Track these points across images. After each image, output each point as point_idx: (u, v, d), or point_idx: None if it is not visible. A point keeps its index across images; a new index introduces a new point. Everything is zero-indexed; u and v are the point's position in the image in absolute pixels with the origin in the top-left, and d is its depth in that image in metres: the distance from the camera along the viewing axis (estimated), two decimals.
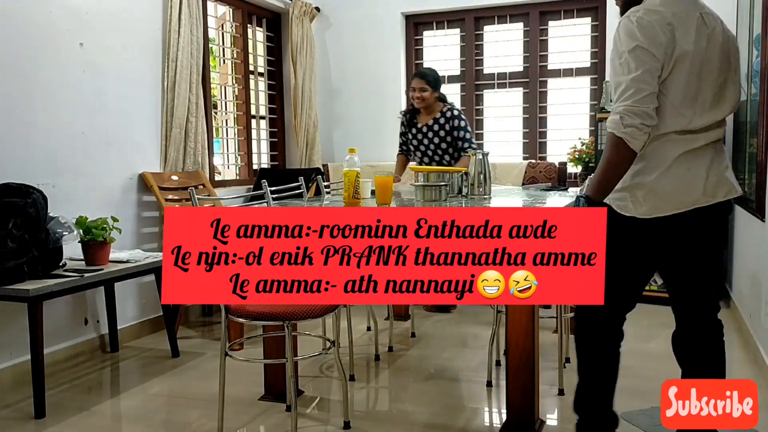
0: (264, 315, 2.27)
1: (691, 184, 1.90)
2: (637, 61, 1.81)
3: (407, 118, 4.25)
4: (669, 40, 1.83)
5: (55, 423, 2.63)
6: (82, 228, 3.05)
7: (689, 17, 1.88)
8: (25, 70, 3.15)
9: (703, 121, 1.90)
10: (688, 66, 1.85)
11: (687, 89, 1.87)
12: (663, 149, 1.89)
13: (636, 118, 1.79)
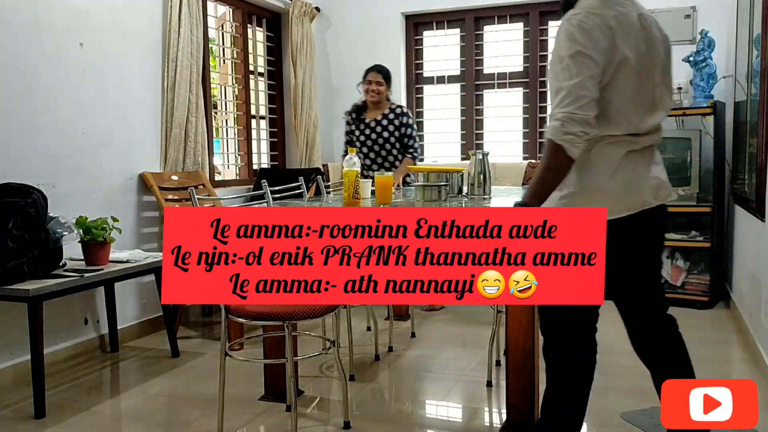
0: (264, 315, 2.27)
1: (639, 184, 1.89)
2: (578, 66, 1.78)
3: (353, 117, 4.26)
4: (610, 44, 1.81)
5: (55, 423, 2.63)
6: (82, 228, 3.05)
7: (630, 19, 1.86)
8: (25, 70, 3.15)
9: (646, 125, 1.89)
10: (630, 70, 1.83)
11: (631, 94, 1.85)
12: (608, 151, 1.87)
13: (576, 126, 1.76)
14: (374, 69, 4.18)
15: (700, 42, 4.28)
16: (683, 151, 4.32)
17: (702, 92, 4.30)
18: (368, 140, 4.15)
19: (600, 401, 2.82)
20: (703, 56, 4.26)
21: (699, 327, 3.91)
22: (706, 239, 4.25)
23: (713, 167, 4.27)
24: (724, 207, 4.53)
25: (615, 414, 2.61)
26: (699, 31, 4.36)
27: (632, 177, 1.88)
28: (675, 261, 4.40)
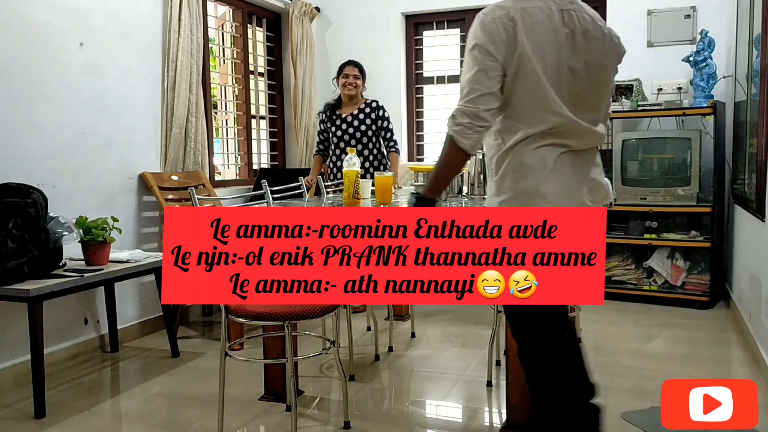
0: (264, 315, 2.27)
1: (575, 185, 1.90)
2: (473, 60, 1.81)
3: (327, 114, 4.28)
4: (510, 37, 1.80)
5: (55, 423, 2.63)
6: (82, 228, 3.05)
7: (543, 13, 1.84)
8: (25, 70, 3.15)
9: (576, 124, 1.87)
10: (539, 63, 1.81)
11: (546, 86, 1.83)
12: (540, 153, 1.85)
13: (465, 118, 1.79)
14: (350, 63, 4.22)
15: (700, 42, 4.28)
16: (683, 151, 4.33)
17: (702, 92, 4.30)
18: (345, 135, 4.19)
19: (600, 401, 2.82)
20: (703, 56, 4.26)
21: (699, 327, 3.91)
22: (706, 239, 4.25)
23: (713, 167, 4.27)
24: (724, 207, 4.53)
25: (615, 414, 2.61)
26: (699, 31, 4.36)
27: (567, 179, 1.87)
28: (675, 261, 4.40)
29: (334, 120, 4.22)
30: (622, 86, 4.62)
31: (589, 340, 3.67)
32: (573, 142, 1.89)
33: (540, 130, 1.84)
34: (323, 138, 4.34)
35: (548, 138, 1.85)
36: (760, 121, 3.24)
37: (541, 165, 1.85)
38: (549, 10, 1.85)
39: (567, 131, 1.87)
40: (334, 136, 4.21)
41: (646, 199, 4.39)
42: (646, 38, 4.73)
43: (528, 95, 1.83)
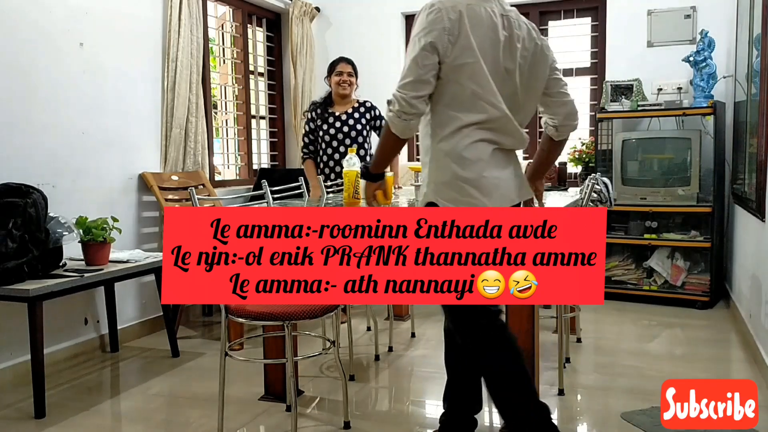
0: (264, 315, 2.27)
1: (508, 180, 1.97)
2: (411, 48, 1.88)
3: (318, 112, 4.03)
4: (454, 26, 1.85)
5: (55, 423, 2.63)
6: (82, 228, 3.05)
7: (486, 13, 1.91)
8: (25, 70, 3.15)
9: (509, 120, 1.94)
10: (480, 58, 1.88)
11: (486, 80, 1.89)
12: (479, 148, 1.92)
13: (396, 104, 1.88)
14: (343, 60, 4.03)
15: (700, 42, 4.28)
16: (683, 151, 4.33)
17: (702, 92, 4.30)
18: (339, 133, 3.97)
19: (600, 401, 2.83)
20: (703, 56, 4.26)
21: (699, 327, 3.91)
22: (706, 239, 4.25)
23: (713, 167, 4.27)
24: (724, 207, 4.53)
25: (615, 414, 2.61)
26: (699, 31, 4.36)
27: (502, 173, 1.95)
28: (675, 261, 4.40)
29: (326, 118, 3.99)
30: (622, 86, 4.62)
31: (589, 340, 3.67)
32: (504, 140, 1.96)
33: (476, 119, 1.91)
34: (312, 139, 4.06)
35: (483, 133, 1.92)
36: (760, 121, 3.24)
37: (479, 158, 1.91)
38: (492, 12, 1.93)
39: (501, 127, 1.94)
40: (327, 135, 3.98)
41: (646, 199, 4.39)
42: (646, 38, 4.73)
43: (468, 84, 1.89)
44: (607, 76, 4.81)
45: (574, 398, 2.85)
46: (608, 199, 3.40)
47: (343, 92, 3.97)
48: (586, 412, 2.76)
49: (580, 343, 3.59)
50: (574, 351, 3.41)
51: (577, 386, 2.97)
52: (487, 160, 1.92)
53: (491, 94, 1.91)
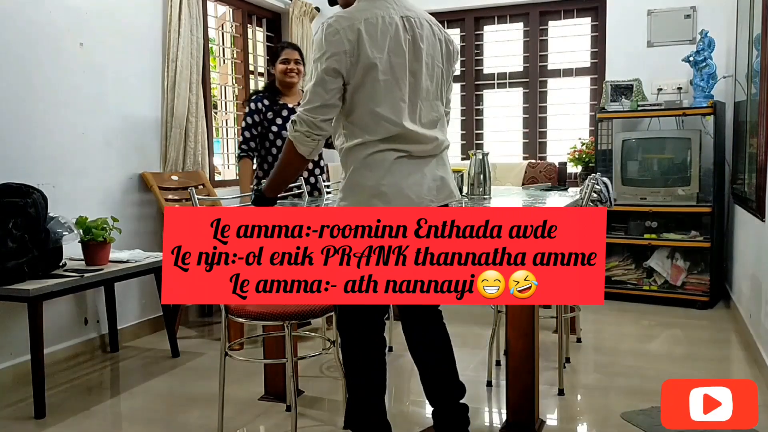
0: (264, 315, 2.26)
1: (415, 184, 1.97)
2: (315, 71, 1.90)
3: (265, 103, 3.50)
4: (353, 47, 1.87)
5: (55, 423, 2.63)
6: (82, 228, 3.05)
7: (386, 23, 1.91)
8: (25, 70, 3.15)
9: (411, 133, 1.95)
10: (381, 74, 1.90)
11: (388, 97, 1.92)
12: (379, 157, 1.94)
13: (304, 126, 1.90)
14: (289, 46, 3.59)
15: (700, 42, 4.28)
16: (683, 151, 4.33)
17: (702, 92, 4.30)
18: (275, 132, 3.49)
19: (600, 401, 2.83)
20: (703, 56, 4.27)
21: (699, 327, 3.91)
22: (706, 239, 4.25)
23: (713, 167, 4.27)
24: (724, 207, 4.54)
25: (615, 414, 2.61)
26: (699, 31, 4.37)
27: (406, 178, 1.95)
28: (675, 261, 4.40)
29: (278, 110, 3.48)
30: (622, 86, 4.62)
31: (589, 340, 3.67)
32: (411, 147, 1.98)
33: (378, 137, 1.94)
34: (254, 134, 3.51)
35: (385, 144, 1.94)
36: (760, 121, 3.24)
37: (379, 167, 1.94)
38: (390, 18, 1.93)
39: (403, 138, 1.96)
40: (283, 130, 3.45)
41: (646, 199, 4.39)
42: (646, 38, 4.73)
43: (368, 105, 1.92)
44: (607, 76, 4.82)
45: (574, 398, 2.85)
46: (608, 199, 3.40)
47: (290, 81, 3.51)
48: (586, 412, 2.76)
49: (580, 343, 3.59)
50: (574, 351, 3.41)
51: (577, 386, 2.97)
52: (388, 168, 1.94)
53: (393, 112, 1.93)
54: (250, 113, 3.49)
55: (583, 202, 2.89)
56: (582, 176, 4.68)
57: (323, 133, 1.93)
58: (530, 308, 2.36)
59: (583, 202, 2.89)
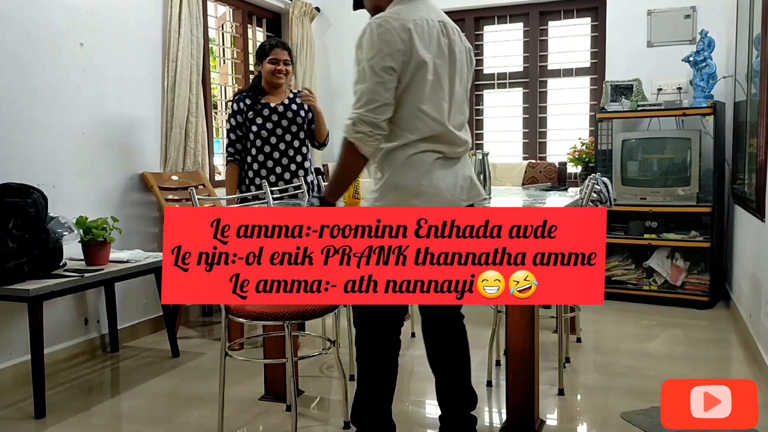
0: (264, 315, 2.26)
1: (451, 185, 2.00)
2: (370, 71, 1.90)
3: (247, 103, 3.39)
4: (407, 47, 1.90)
5: (55, 423, 2.63)
6: (82, 228, 3.05)
7: (430, 26, 1.96)
8: (25, 70, 3.15)
9: (450, 133, 2.00)
10: (430, 73, 1.94)
11: (433, 96, 1.96)
12: (422, 158, 1.97)
13: (366, 127, 1.89)
14: (279, 45, 3.43)
15: (700, 42, 4.28)
16: (683, 151, 4.33)
17: (702, 92, 4.30)
18: (278, 128, 3.36)
19: (600, 401, 2.83)
20: (703, 56, 4.27)
21: (699, 327, 3.91)
22: (706, 239, 4.25)
23: (713, 167, 4.27)
24: (724, 207, 4.54)
25: (615, 414, 2.61)
26: (699, 31, 4.37)
27: (443, 179, 1.99)
28: (675, 261, 4.40)
29: (260, 110, 3.35)
30: (622, 86, 4.62)
31: (589, 340, 3.67)
32: (447, 149, 2.02)
33: (421, 136, 1.96)
34: (239, 135, 3.40)
35: (427, 144, 1.97)
36: (759, 121, 3.24)
37: (420, 167, 1.96)
38: (432, 22, 1.98)
39: (443, 139, 2.00)
40: (263, 130, 3.34)
41: (646, 199, 4.39)
42: (646, 38, 4.73)
43: (416, 103, 1.95)
44: (607, 76, 4.82)
45: (574, 398, 2.85)
46: (608, 199, 3.41)
47: (278, 81, 3.38)
48: (586, 412, 2.76)
49: (580, 343, 3.59)
50: (574, 351, 3.42)
51: (577, 386, 2.97)
52: (428, 169, 1.97)
53: (437, 111, 1.97)
54: (233, 114, 3.40)
55: (583, 202, 2.89)
56: (582, 176, 4.68)
57: (384, 133, 1.93)
58: (530, 308, 2.36)
59: (583, 202, 2.90)
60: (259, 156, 3.38)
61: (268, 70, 3.36)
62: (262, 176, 3.37)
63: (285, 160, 3.38)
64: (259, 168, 3.39)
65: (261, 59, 3.40)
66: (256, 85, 3.45)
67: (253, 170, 3.40)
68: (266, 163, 3.39)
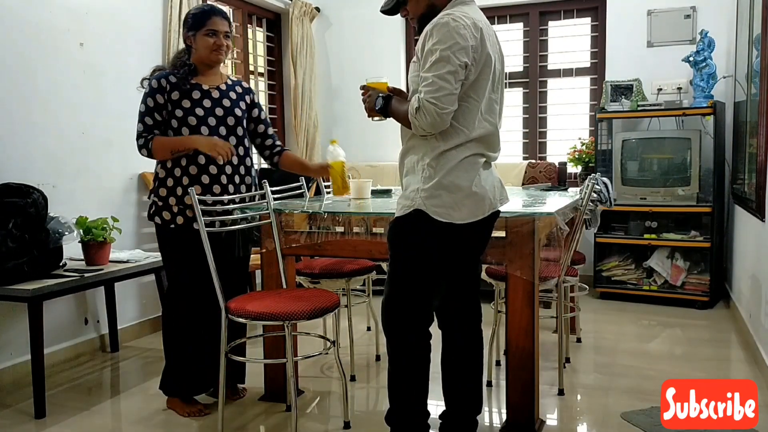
0: (264, 315, 2.26)
1: (491, 187, 2.05)
2: (444, 60, 1.89)
3: (171, 81, 2.58)
4: (478, 44, 1.93)
5: (55, 423, 2.63)
6: (82, 228, 3.05)
7: (487, 26, 2.01)
8: (25, 70, 3.15)
9: (497, 134, 2.06)
10: (491, 74, 1.98)
11: (489, 97, 2.01)
12: (474, 160, 2.00)
13: (428, 117, 1.89)
14: (218, 13, 2.64)
15: (700, 42, 4.28)
16: (683, 151, 4.33)
17: (702, 92, 4.30)
18: (210, 116, 2.59)
19: (600, 401, 2.83)
20: (703, 56, 4.27)
21: (699, 327, 3.91)
22: (706, 239, 4.25)
23: (713, 167, 4.27)
24: (724, 207, 4.54)
25: (615, 414, 2.61)
26: (699, 31, 4.37)
27: (486, 182, 2.03)
28: (675, 261, 4.40)
29: (188, 91, 2.58)
30: (622, 86, 4.62)
31: (589, 340, 3.67)
32: (491, 153, 2.06)
33: (478, 135, 1.99)
34: (158, 120, 2.59)
35: (479, 147, 2.00)
36: (759, 121, 3.24)
37: (473, 169, 1.99)
38: (488, 25, 2.04)
39: (493, 141, 2.05)
40: (191, 116, 2.57)
41: (646, 199, 4.39)
42: (646, 38, 4.73)
43: (479, 101, 1.98)
44: (607, 76, 4.82)
45: (574, 398, 2.85)
46: (608, 199, 3.40)
47: (218, 59, 2.63)
48: (586, 412, 2.76)
49: (580, 343, 3.59)
50: (574, 351, 3.42)
51: (577, 386, 2.97)
52: (478, 171, 2.01)
53: (492, 112, 2.03)
54: (150, 93, 2.58)
55: (583, 202, 2.89)
56: (582, 176, 4.68)
57: (444, 126, 1.92)
58: (530, 308, 2.36)
59: (583, 202, 2.90)
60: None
61: (206, 46, 2.59)
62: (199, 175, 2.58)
63: (220, 157, 2.53)
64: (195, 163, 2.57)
65: (194, 30, 2.61)
66: (184, 61, 2.64)
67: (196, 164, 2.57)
68: (196, 159, 2.57)
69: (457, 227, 1.98)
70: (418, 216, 1.97)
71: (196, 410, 2.67)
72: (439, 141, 1.97)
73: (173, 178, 2.59)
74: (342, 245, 2.57)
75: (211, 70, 2.68)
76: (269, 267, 2.71)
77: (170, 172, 2.60)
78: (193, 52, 2.65)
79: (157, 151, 2.56)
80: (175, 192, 2.58)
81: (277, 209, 2.63)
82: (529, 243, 2.30)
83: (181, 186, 2.57)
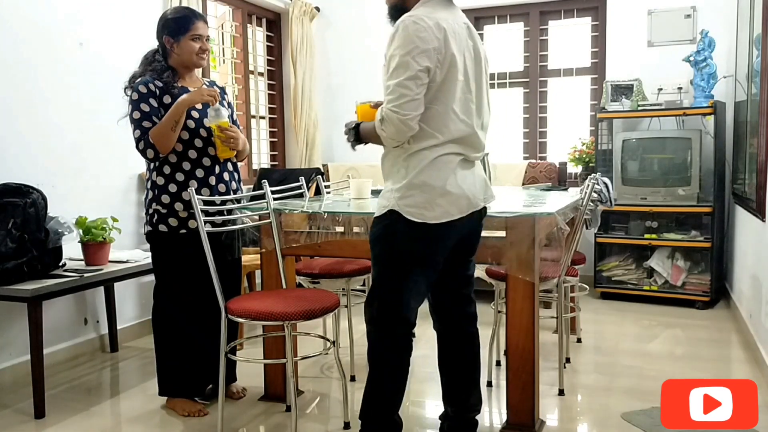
0: (264, 315, 2.26)
1: (471, 185, 2.02)
2: (403, 66, 1.88)
3: (159, 86, 2.60)
4: (441, 45, 1.90)
5: (55, 423, 2.63)
6: (81, 228, 3.05)
7: (458, 26, 1.98)
8: (25, 70, 3.14)
9: (476, 134, 2.03)
10: (460, 74, 1.95)
11: (462, 97, 1.97)
12: (448, 159, 1.97)
13: (392, 126, 1.89)
14: (200, 18, 2.67)
15: (700, 42, 4.27)
16: (683, 151, 4.33)
17: (702, 92, 4.29)
18: (205, 118, 2.62)
19: (600, 401, 2.83)
20: (704, 56, 4.26)
21: (699, 327, 3.91)
22: (706, 239, 4.25)
23: (713, 167, 4.27)
24: (724, 207, 4.53)
25: (615, 414, 2.61)
26: (699, 31, 4.36)
27: (465, 180, 2.00)
28: (675, 261, 4.40)
29: (178, 96, 2.58)
30: (622, 86, 4.62)
31: (589, 340, 3.67)
32: (470, 151, 2.03)
33: (451, 137, 1.97)
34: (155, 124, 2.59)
35: (454, 147, 1.98)
36: (760, 121, 3.24)
37: (446, 168, 1.96)
38: (459, 24, 2.00)
39: (469, 141, 2.01)
40: (188, 119, 2.60)
41: (647, 199, 4.39)
42: (646, 38, 4.73)
43: (449, 103, 1.95)
44: (608, 76, 4.81)
45: (574, 398, 2.85)
46: (608, 199, 3.40)
47: (201, 63, 2.66)
48: (586, 412, 2.76)
49: (580, 343, 3.59)
50: (574, 351, 3.42)
51: (577, 386, 2.97)
52: (453, 170, 1.98)
53: (468, 112, 1.99)
54: (143, 98, 2.58)
55: (584, 202, 2.89)
56: (582, 176, 4.68)
57: (411, 132, 1.91)
58: (530, 308, 2.36)
59: (584, 202, 2.89)
60: (189, 152, 2.60)
61: (191, 50, 2.61)
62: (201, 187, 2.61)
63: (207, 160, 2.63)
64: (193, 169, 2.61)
65: (177, 34, 2.60)
66: (164, 65, 2.64)
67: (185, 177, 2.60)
68: (202, 161, 2.62)
69: (433, 227, 1.95)
70: (392, 216, 1.97)
71: (196, 410, 2.67)
72: (411, 143, 1.97)
73: (176, 184, 2.60)
74: (342, 245, 2.57)
75: (190, 73, 2.72)
76: (269, 267, 2.71)
77: (171, 178, 2.60)
78: (172, 56, 2.65)
79: (159, 140, 2.55)
80: (180, 197, 2.59)
81: (276, 209, 2.63)
82: (530, 243, 2.30)
83: (186, 191, 2.56)
